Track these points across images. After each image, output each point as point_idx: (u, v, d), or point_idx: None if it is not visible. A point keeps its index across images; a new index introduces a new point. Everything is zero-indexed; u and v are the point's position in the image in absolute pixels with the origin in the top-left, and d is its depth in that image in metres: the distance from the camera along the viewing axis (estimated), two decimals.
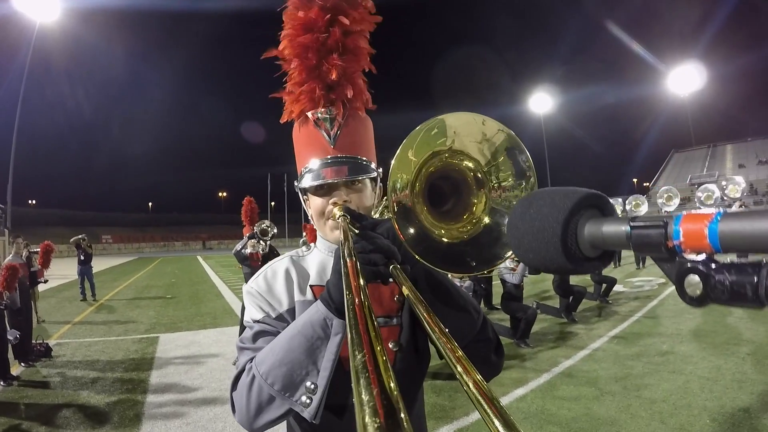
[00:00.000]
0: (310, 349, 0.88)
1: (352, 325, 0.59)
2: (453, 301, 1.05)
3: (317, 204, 1.15)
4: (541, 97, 60.62)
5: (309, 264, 1.21)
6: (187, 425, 4.31)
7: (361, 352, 0.51)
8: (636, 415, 4.07)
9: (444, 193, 0.90)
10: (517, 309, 6.51)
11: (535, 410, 4.28)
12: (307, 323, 0.90)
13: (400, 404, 0.43)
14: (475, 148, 0.84)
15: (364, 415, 0.41)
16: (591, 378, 5.04)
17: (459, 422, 4.06)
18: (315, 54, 1.09)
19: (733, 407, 4.16)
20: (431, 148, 0.83)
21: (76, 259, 13.46)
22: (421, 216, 0.84)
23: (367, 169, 1.15)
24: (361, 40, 1.14)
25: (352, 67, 1.13)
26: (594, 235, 0.46)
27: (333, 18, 1.08)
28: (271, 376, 0.89)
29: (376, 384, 0.45)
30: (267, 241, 6.84)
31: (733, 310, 7.98)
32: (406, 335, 1.14)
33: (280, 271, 1.17)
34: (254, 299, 1.13)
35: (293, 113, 1.17)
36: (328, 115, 1.12)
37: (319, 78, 1.10)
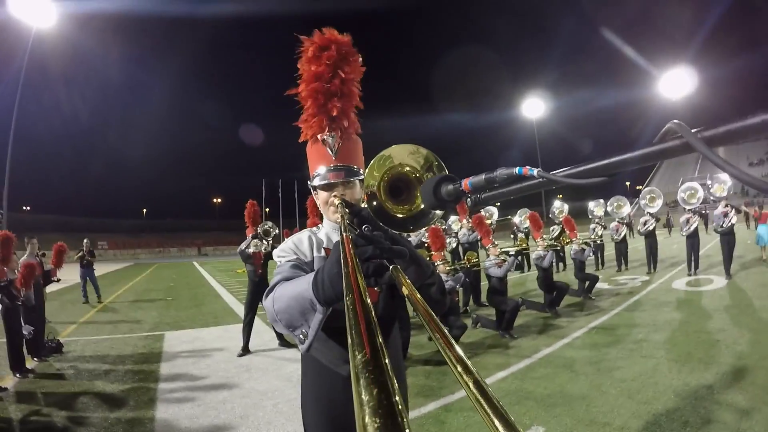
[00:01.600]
0: (302, 312, 1.24)
1: (352, 325, 0.63)
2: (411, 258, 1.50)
3: (323, 196, 1.70)
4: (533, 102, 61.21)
5: (321, 235, 1.74)
6: (199, 406, 4.68)
7: (361, 352, 0.55)
8: (606, 392, 4.45)
9: (400, 188, 1.37)
10: (501, 302, 6.92)
11: (514, 389, 4.69)
12: (300, 295, 1.21)
13: (400, 404, 0.45)
14: (413, 161, 1.33)
15: (364, 415, 0.43)
16: (567, 362, 5.44)
17: (445, 399, 4.48)
18: (323, 96, 1.59)
19: (697, 385, 4.47)
20: (385, 167, 1.34)
21: (78, 263, 13.81)
22: (382, 202, 1.34)
23: (357, 173, 1.68)
24: (354, 86, 1.64)
25: (347, 105, 1.64)
26: (446, 190, 1.00)
27: (335, 71, 1.57)
28: (280, 314, 1.30)
29: (376, 384, 0.48)
30: (269, 241, 7.24)
31: (708, 303, 8.43)
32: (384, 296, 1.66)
33: (304, 237, 1.70)
34: (286, 252, 1.64)
35: (308, 135, 1.68)
36: (331, 137, 1.63)
37: (325, 113, 1.60)
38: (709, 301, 8.69)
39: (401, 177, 1.35)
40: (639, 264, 15.01)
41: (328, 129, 1.62)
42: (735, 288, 9.81)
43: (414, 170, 1.34)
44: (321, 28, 1.58)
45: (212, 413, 4.51)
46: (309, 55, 1.57)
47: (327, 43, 1.56)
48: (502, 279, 7.08)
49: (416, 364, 5.64)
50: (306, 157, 1.75)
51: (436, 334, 0.70)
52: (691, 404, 4.09)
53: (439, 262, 6.45)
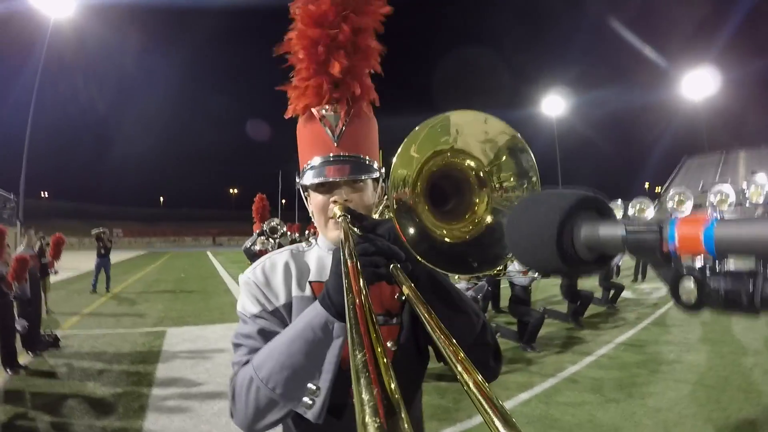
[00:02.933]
0: (311, 353, 0.88)
1: (352, 325, 0.59)
2: (453, 303, 1.04)
3: (318, 201, 1.15)
4: (553, 100, 60.25)
5: (309, 259, 1.21)
6: (191, 419, 4.34)
7: (361, 351, 0.52)
8: (640, 423, 4.05)
9: (446, 192, 0.90)
10: (525, 313, 6.49)
11: (538, 415, 4.27)
12: (308, 327, 0.89)
13: (400, 404, 0.43)
14: (478, 148, 0.84)
15: (364, 415, 0.41)
16: (596, 384, 5.02)
17: (462, 425, 4.07)
18: (324, 49, 1.09)
19: (738, 418, 4.12)
20: (434, 146, 0.82)
21: (95, 252, 13.66)
22: (422, 215, 0.84)
23: (370, 169, 1.15)
24: (371, 38, 1.13)
25: (360, 65, 1.12)
26: (590, 237, 0.45)
27: (345, 14, 1.07)
28: (272, 381, 0.89)
29: (377, 384, 0.45)
30: (276, 239, 6.88)
31: (739, 320, 7.91)
32: (406, 335, 1.14)
33: (279, 264, 1.17)
34: (251, 290, 1.13)
35: (298, 108, 1.16)
36: (333, 112, 1.12)
37: (326, 74, 1.10)
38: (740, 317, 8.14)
39: (453, 172, 0.86)
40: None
41: (330, 98, 1.11)
42: None
43: (479, 166, 0.84)
44: None
45: (204, 428, 4.17)
46: None
47: None
48: (526, 288, 6.62)
49: (429, 379, 5.21)
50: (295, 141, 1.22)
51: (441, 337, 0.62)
52: None
53: None
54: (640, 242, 0.41)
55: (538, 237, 0.49)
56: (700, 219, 0.36)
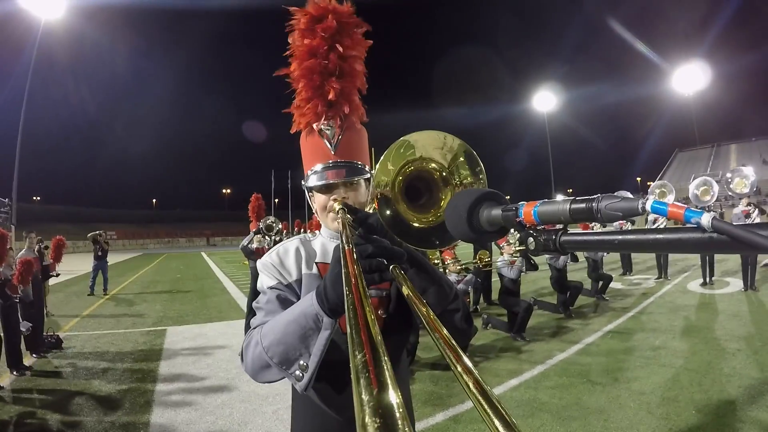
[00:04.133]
0: (303, 336, 1.06)
1: (352, 324, 0.61)
2: (430, 277, 1.27)
3: (321, 200, 1.39)
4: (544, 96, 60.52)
5: (315, 245, 1.45)
6: (196, 411, 4.50)
7: (361, 351, 0.54)
8: (624, 405, 4.22)
9: (420, 190, 1.11)
10: (514, 303, 6.68)
11: (527, 399, 4.46)
12: (302, 314, 1.06)
13: (400, 404, 0.44)
14: (439, 155, 1.06)
15: (364, 415, 0.42)
16: (583, 370, 5.20)
17: (454, 409, 4.26)
18: (318, 76, 1.31)
19: (719, 399, 4.27)
20: (405, 158, 1.06)
21: (92, 254, 13.77)
22: (398, 207, 1.06)
23: (362, 171, 1.38)
24: (357, 63, 1.35)
25: (348, 87, 1.34)
26: (488, 216, 0.71)
27: (332, 45, 1.29)
28: (271, 351, 1.08)
29: (376, 384, 0.47)
30: (272, 237, 7.03)
31: (725, 308, 8.15)
32: (394, 305, 1.37)
33: (291, 249, 1.41)
34: (268, 269, 1.36)
35: (301, 124, 1.38)
36: (330, 126, 1.34)
37: (321, 96, 1.32)
38: (727, 305, 8.41)
39: (422, 175, 1.08)
40: (645, 267, 14.45)
41: (326, 116, 1.34)
42: (753, 293, 9.49)
43: (440, 167, 1.07)
44: None
45: (210, 419, 4.32)
46: (301, 27, 1.30)
47: (322, 12, 1.29)
48: (515, 280, 6.83)
49: (423, 368, 5.40)
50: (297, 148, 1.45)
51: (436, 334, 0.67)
52: (713, 421, 3.88)
53: (449, 260, 6.21)
54: (507, 217, 0.67)
55: (458, 218, 0.75)
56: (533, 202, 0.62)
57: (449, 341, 0.65)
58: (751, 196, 10.35)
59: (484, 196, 0.75)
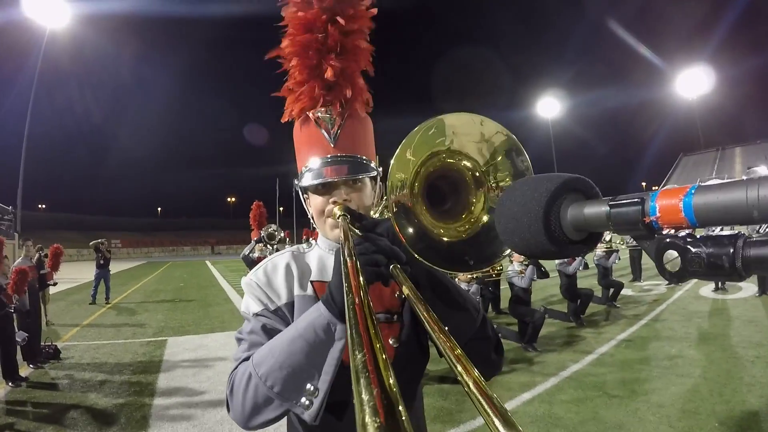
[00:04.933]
0: (311, 353, 0.88)
1: (352, 324, 0.59)
2: (453, 300, 1.05)
3: (317, 203, 1.16)
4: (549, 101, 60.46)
5: (310, 260, 1.22)
6: (194, 427, 4.32)
7: (361, 351, 0.51)
8: (644, 419, 4.04)
9: (443, 192, 0.91)
10: (525, 313, 6.48)
11: (541, 414, 4.26)
12: (309, 326, 0.89)
13: (400, 404, 0.43)
14: (474, 148, 0.85)
15: (364, 415, 0.41)
16: (598, 382, 5.01)
17: (465, 426, 4.06)
18: (315, 53, 1.11)
19: (742, 411, 4.12)
20: (430, 148, 0.83)
21: (94, 263, 13.67)
22: (420, 215, 0.84)
23: (367, 168, 1.16)
24: (360, 39, 1.15)
25: (351, 67, 1.14)
26: (576, 217, 0.46)
27: (331, 18, 1.09)
28: (271, 379, 0.89)
29: (376, 383, 0.45)
30: (274, 245, 6.87)
31: (740, 313, 7.93)
32: (407, 332, 1.14)
33: (280, 265, 1.18)
34: (253, 291, 1.14)
35: (294, 112, 1.18)
36: (328, 114, 1.13)
37: (318, 77, 1.12)
38: (741, 310, 8.25)
39: (450, 173, 0.87)
40: (655, 273, 14.04)
41: (323, 101, 1.12)
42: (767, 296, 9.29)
43: (475, 166, 0.85)
44: None
45: None
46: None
47: None
48: (526, 289, 6.64)
49: (431, 382, 5.19)
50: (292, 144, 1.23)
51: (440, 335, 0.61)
52: None
53: None
54: (622, 216, 0.42)
55: (525, 220, 0.50)
56: (681, 189, 0.37)
57: (455, 348, 0.57)
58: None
59: (567, 185, 0.50)
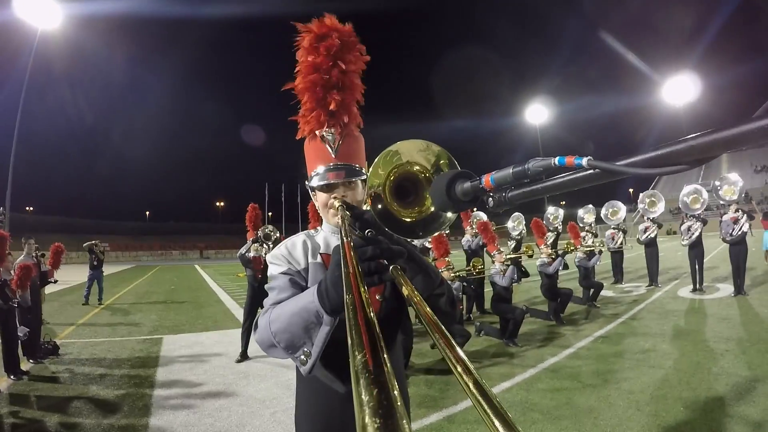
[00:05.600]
0: (305, 328, 1.18)
1: (351, 324, 0.63)
2: (417, 265, 1.40)
3: (323, 198, 1.55)
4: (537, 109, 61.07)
5: (318, 239, 1.59)
6: (195, 414, 4.55)
7: (361, 352, 0.55)
8: (614, 404, 4.31)
9: (408, 189, 1.24)
10: (506, 310, 6.78)
11: (519, 400, 4.55)
12: (304, 308, 1.17)
13: (400, 404, 0.45)
14: (423, 158, 1.20)
15: (364, 416, 0.43)
16: (574, 373, 5.29)
17: (448, 410, 4.34)
18: (321, 89, 1.47)
19: (707, 397, 4.36)
20: (392, 164, 1.20)
21: (88, 264, 13.85)
22: (388, 204, 1.20)
23: (360, 173, 1.54)
24: (356, 78, 1.52)
25: (348, 99, 1.51)
26: (461, 189, 0.88)
27: (335, 62, 1.45)
28: (278, 336, 1.22)
29: (376, 384, 0.48)
30: (270, 245, 7.11)
31: (715, 312, 8.28)
32: (389, 289, 1.52)
33: (298, 242, 1.56)
34: (278, 259, 1.50)
35: (305, 131, 1.54)
36: (331, 134, 1.50)
37: (323, 107, 1.48)
38: (716, 309, 8.56)
39: (409, 176, 1.22)
40: (637, 276, 14.48)
41: (327, 124, 1.50)
42: (742, 296, 9.65)
43: (424, 169, 1.21)
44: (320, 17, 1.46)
45: (208, 421, 4.39)
46: (306, 45, 1.46)
47: (326, 31, 1.44)
48: (507, 288, 6.94)
49: (418, 373, 5.49)
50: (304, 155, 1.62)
51: (436, 334, 0.69)
52: (701, 417, 3.97)
53: (443, 268, 6.32)
54: (474, 186, 0.84)
55: (440, 193, 0.93)
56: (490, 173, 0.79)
57: (445, 334, 0.68)
58: (740, 203, 10.41)
59: (458, 175, 0.92)
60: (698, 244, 11.01)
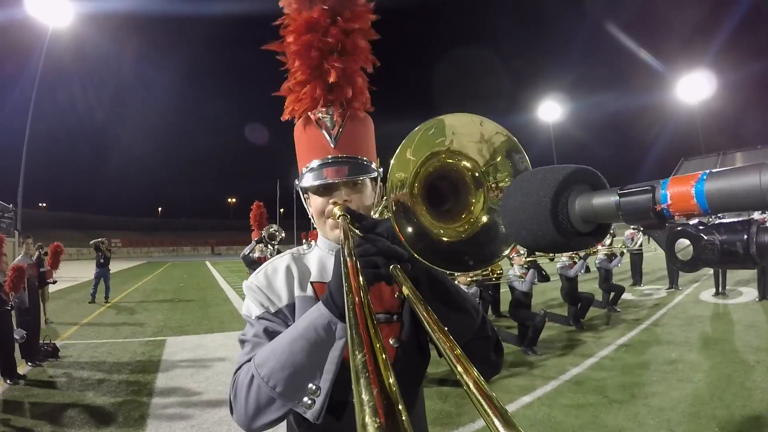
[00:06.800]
0: (313, 352, 0.88)
1: (352, 324, 0.59)
2: (452, 300, 1.04)
3: (317, 203, 1.17)
4: (549, 106, 60.45)
5: (310, 261, 1.21)
6: (192, 427, 4.31)
7: (361, 351, 0.51)
8: (644, 423, 4.02)
9: (443, 192, 0.90)
10: (526, 316, 6.47)
11: (541, 418, 4.24)
12: (310, 326, 0.89)
13: (400, 404, 0.43)
14: (474, 148, 0.84)
15: (364, 415, 0.41)
16: (598, 386, 4.99)
17: (465, 428, 4.05)
18: (317, 53, 1.11)
19: (742, 415, 4.10)
20: (430, 148, 0.83)
21: (95, 262, 13.65)
22: (420, 215, 0.84)
23: (368, 169, 1.17)
24: (360, 39, 1.16)
25: (351, 67, 1.15)
26: (585, 208, 0.45)
27: (333, 18, 1.10)
28: (273, 379, 0.89)
29: (376, 384, 0.45)
30: (275, 246, 6.85)
31: (740, 318, 7.91)
32: (407, 332, 1.14)
33: (280, 268, 1.18)
34: (254, 294, 1.13)
35: (295, 112, 1.18)
36: (329, 116, 1.14)
37: (320, 78, 1.12)
38: (742, 315, 8.21)
39: (449, 174, 0.87)
40: (656, 278, 13.96)
41: (324, 102, 1.13)
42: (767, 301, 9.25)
43: (475, 166, 0.85)
44: None
45: None
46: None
47: None
48: (526, 293, 6.64)
49: (431, 384, 5.17)
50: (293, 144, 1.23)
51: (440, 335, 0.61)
52: None
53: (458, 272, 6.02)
54: (633, 205, 0.40)
55: (532, 210, 0.49)
56: (692, 176, 0.35)
57: (455, 348, 0.57)
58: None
59: (575, 175, 0.49)
60: None
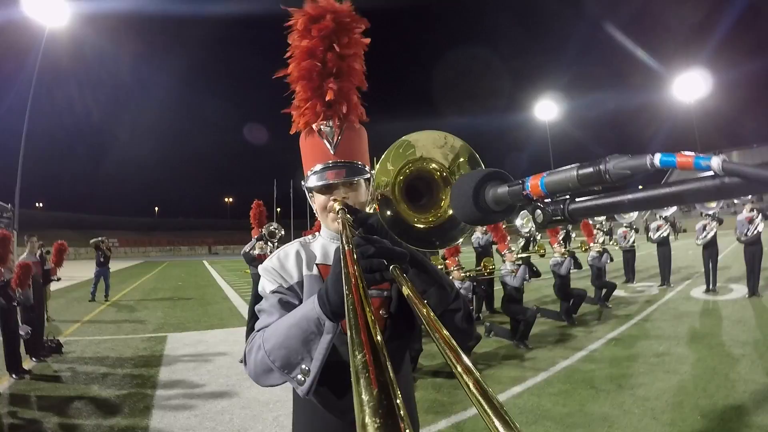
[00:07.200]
0: (304, 340, 1.05)
1: (352, 324, 0.61)
2: (431, 277, 1.24)
3: (321, 200, 1.38)
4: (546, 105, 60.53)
5: (315, 247, 1.43)
6: (196, 416, 4.46)
7: (361, 352, 0.53)
8: (629, 412, 4.16)
9: (420, 190, 1.09)
10: (517, 311, 6.62)
11: (530, 406, 4.40)
12: (303, 318, 1.05)
13: (400, 404, 0.44)
14: (440, 154, 1.05)
15: (364, 415, 0.42)
16: (587, 377, 5.14)
17: (457, 416, 4.21)
18: (317, 76, 1.32)
19: (725, 405, 4.22)
20: (405, 158, 1.05)
21: (94, 261, 13.80)
22: (398, 207, 1.05)
23: (362, 171, 1.37)
24: (355, 62, 1.36)
25: (346, 86, 1.35)
26: (494, 195, 0.68)
27: (329, 46, 1.30)
28: (273, 354, 1.07)
29: (376, 384, 0.47)
30: (275, 243, 6.99)
31: (729, 314, 8.07)
32: (395, 304, 1.34)
33: (291, 252, 1.39)
34: (269, 274, 1.35)
35: (300, 125, 1.39)
36: (329, 127, 1.34)
37: (320, 96, 1.32)
38: (731, 311, 8.33)
39: (423, 175, 1.06)
40: (648, 276, 14.10)
41: (324, 116, 1.34)
42: (756, 298, 9.39)
43: (441, 167, 1.05)
44: None
45: (209, 424, 4.28)
46: (300, 28, 1.31)
47: (321, 12, 1.29)
48: (518, 288, 6.79)
49: (425, 376, 5.34)
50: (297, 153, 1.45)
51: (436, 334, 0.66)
52: (719, 427, 3.83)
53: (453, 267, 6.17)
54: (514, 192, 0.64)
55: (465, 200, 0.72)
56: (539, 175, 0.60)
57: (449, 342, 0.64)
58: (754, 201, 10.16)
59: (489, 175, 0.72)
60: (713, 244, 10.75)
